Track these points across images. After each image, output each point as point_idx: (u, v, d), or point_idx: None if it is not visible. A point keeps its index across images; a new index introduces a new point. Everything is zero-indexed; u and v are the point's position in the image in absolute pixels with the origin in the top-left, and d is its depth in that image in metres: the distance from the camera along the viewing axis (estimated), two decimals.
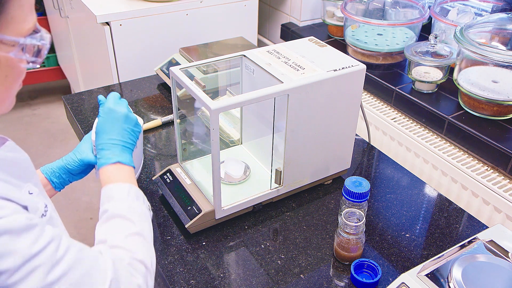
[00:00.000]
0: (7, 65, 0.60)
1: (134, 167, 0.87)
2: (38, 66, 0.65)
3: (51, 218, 0.70)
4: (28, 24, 0.61)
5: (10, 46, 0.59)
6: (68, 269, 0.60)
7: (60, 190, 0.98)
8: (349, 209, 0.93)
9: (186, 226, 0.98)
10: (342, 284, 0.92)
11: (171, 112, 1.41)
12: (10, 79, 0.62)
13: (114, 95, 0.92)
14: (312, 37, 1.16)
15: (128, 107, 0.91)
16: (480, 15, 1.54)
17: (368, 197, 0.95)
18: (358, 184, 0.95)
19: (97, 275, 0.63)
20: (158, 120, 1.36)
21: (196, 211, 0.98)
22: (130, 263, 0.71)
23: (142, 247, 0.75)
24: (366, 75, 1.30)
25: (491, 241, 0.91)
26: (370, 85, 1.57)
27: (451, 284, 0.81)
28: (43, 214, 0.67)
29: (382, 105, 1.54)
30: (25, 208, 0.63)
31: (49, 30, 2.96)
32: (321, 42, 1.13)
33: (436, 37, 1.43)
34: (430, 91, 1.44)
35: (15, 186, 0.65)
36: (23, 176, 0.69)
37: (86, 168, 0.97)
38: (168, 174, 1.08)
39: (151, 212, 0.85)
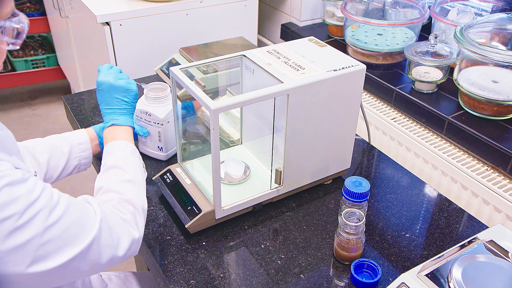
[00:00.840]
0: None
1: (133, 127, 1.02)
2: (18, 47, 0.69)
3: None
4: (6, 9, 0.65)
5: None
6: (63, 212, 0.70)
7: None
8: (349, 209, 0.93)
9: (186, 226, 0.98)
10: (342, 284, 0.92)
11: None
12: None
13: (103, 67, 1.05)
14: (312, 37, 1.16)
15: (117, 74, 1.04)
16: (480, 15, 1.54)
17: (368, 197, 0.95)
18: (358, 184, 0.95)
19: (89, 215, 0.74)
20: None
21: (196, 211, 0.98)
22: (119, 202, 0.82)
23: (132, 191, 0.86)
24: (366, 75, 1.30)
25: (491, 241, 0.91)
26: (370, 85, 1.57)
27: (451, 284, 0.81)
28: (35, 174, 0.76)
29: (382, 105, 1.54)
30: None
31: (49, 30, 2.97)
32: (321, 42, 1.13)
33: (436, 37, 1.43)
34: (430, 91, 1.44)
35: (5, 154, 0.71)
36: (9, 149, 0.76)
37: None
38: (168, 174, 1.08)
39: (145, 171, 1.00)
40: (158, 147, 1.20)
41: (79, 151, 1.08)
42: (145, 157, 1.23)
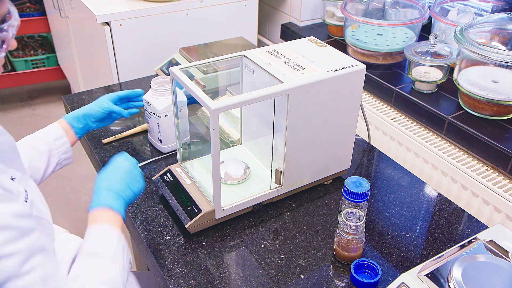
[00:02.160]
0: None
1: (124, 219, 0.86)
2: (3, 54, 0.67)
3: (32, 202, 0.73)
4: None
5: None
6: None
7: (80, 137, 1.12)
8: (349, 209, 0.93)
9: (186, 226, 0.98)
10: (342, 284, 0.92)
11: None
12: None
13: (124, 154, 0.97)
14: (312, 37, 1.16)
15: (136, 166, 0.95)
16: (480, 15, 1.54)
17: (368, 197, 0.95)
18: (358, 184, 0.95)
19: None
20: None
21: (196, 211, 0.98)
22: None
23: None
24: (366, 75, 1.30)
25: (491, 241, 0.91)
26: (370, 85, 1.57)
27: (451, 284, 0.81)
28: (25, 199, 0.71)
29: (382, 105, 1.54)
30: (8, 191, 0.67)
31: (49, 30, 2.97)
32: (321, 42, 1.13)
33: (436, 37, 1.43)
34: (430, 91, 1.44)
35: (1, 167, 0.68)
36: (7, 160, 0.73)
37: (108, 115, 1.15)
38: (168, 174, 1.08)
39: (130, 264, 0.85)
40: (158, 138, 1.23)
41: (57, 147, 1.06)
42: (149, 148, 1.23)
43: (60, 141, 1.06)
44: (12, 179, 0.70)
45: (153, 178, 1.11)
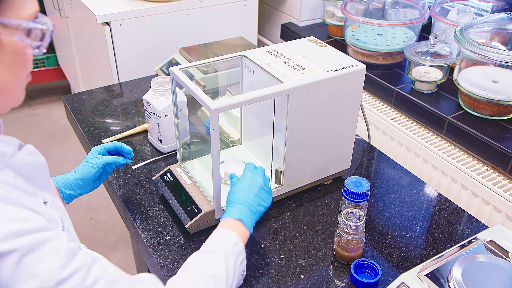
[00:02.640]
0: (13, 50, 0.60)
1: (251, 235, 0.87)
2: (44, 50, 0.64)
3: (67, 230, 0.69)
4: (29, 10, 0.61)
5: (14, 29, 0.59)
6: None
7: (68, 203, 1.00)
8: (349, 209, 0.93)
9: (186, 226, 0.97)
10: (342, 284, 0.92)
11: None
12: (16, 67, 0.62)
13: (260, 168, 0.95)
14: (312, 37, 1.16)
15: (268, 181, 0.94)
16: (480, 15, 1.54)
17: (368, 197, 0.95)
18: (358, 184, 0.95)
19: None
20: None
21: (196, 211, 0.98)
22: None
23: None
24: (366, 75, 1.30)
25: (491, 241, 0.91)
26: (370, 85, 1.57)
27: (451, 284, 0.81)
28: (62, 227, 0.67)
29: (382, 105, 1.54)
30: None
31: None
32: (321, 42, 1.13)
33: (436, 37, 1.43)
34: (430, 91, 1.44)
35: (31, 196, 0.64)
36: (40, 182, 0.69)
37: (102, 171, 1.02)
38: (168, 174, 1.08)
39: (243, 276, 0.84)
40: (158, 138, 1.23)
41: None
42: (149, 147, 1.23)
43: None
44: (44, 203, 0.67)
45: (153, 178, 1.11)
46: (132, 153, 1.07)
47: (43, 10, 2.94)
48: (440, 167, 1.32)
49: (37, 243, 0.57)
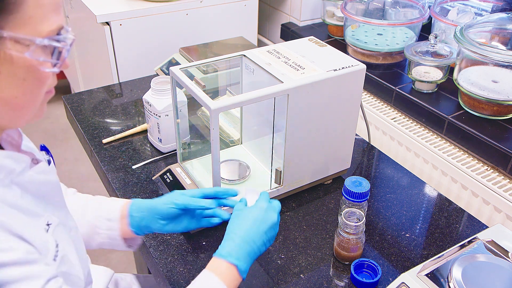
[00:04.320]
0: (24, 66, 0.56)
1: (243, 279, 0.78)
2: (58, 71, 0.59)
3: (63, 258, 0.65)
4: (49, 26, 0.56)
5: (25, 46, 0.55)
6: None
7: (136, 233, 0.88)
8: (349, 209, 0.93)
9: None
10: (342, 284, 0.92)
11: None
12: (29, 84, 0.58)
13: (274, 202, 0.85)
14: (312, 37, 1.16)
15: (279, 219, 0.84)
16: (480, 15, 1.54)
17: (368, 197, 0.95)
18: (358, 184, 0.95)
19: None
20: None
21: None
22: None
23: None
24: (366, 75, 1.30)
25: (491, 241, 0.91)
26: (370, 85, 1.57)
27: (451, 284, 0.81)
28: (55, 257, 0.63)
29: (382, 105, 1.54)
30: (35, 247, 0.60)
31: None
32: (321, 42, 1.13)
33: (436, 37, 1.43)
34: (430, 91, 1.44)
35: (33, 217, 0.62)
36: (47, 202, 0.67)
37: (182, 214, 0.87)
38: (168, 174, 1.08)
39: None
40: (158, 138, 1.23)
41: (104, 228, 0.89)
42: (149, 147, 1.23)
43: (109, 224, 0.88)
44: (48, 224, 0.64)
45: (153, 178, 1.11)
46: (235, 200, 0.89)
47: None
48: (440, 167, 1.32)
49: (8, 280, 0.54)
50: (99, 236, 0.89)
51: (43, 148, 0.82)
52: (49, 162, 0.78)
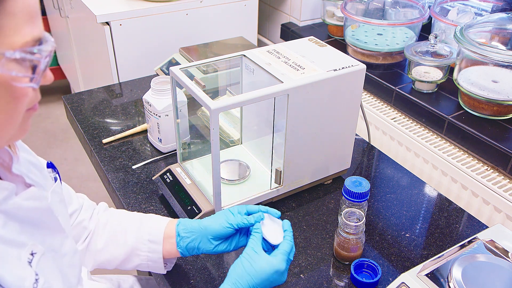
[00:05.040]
0: None
1: None
2: (36, 86, 0.53)
3: None
4: (23, 38, 0.51)
5: None
6: None
7: (182, 254, 0.85)
8: (349, 209, 0.93)
9: None
10: (342, 284, 0.92)
11: None
12: (3, 101, 0.52)
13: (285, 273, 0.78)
14: (312, 37, 1.16)
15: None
16: (480, 15, 1.54)
17: (368, 197, 0.95)
18: (358, 184, 0.95)
19: None
20: None
21: (196, 211, 0.98)
22: None
23: None
24: (366, 75, 1.30)
25: (491, 241, 0.91)
26: (370, 85, 1.57)
27: (451, 284, 0.81)
28: None
29: (382, 105, 1.54)
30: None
31: (49, 30, 2.96)
32: (321, 42, 1.13)
33: (436, 37, 1.43)
34: (430, 91, 1.44)
35: (14, 247, 0.59)
36: (37, 228, 0.64)
37: (231, 235, 0.83)
38: (168, 174, 1.08)
39: None
40: (158, 138, 1.23)
41: (145, 250, 0.86)
42: (149, 147, 1.23)
43: (152, 246, 0.86)
44: (32, 254, 0.61)
45: (153, 178, 1.11)
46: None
47: (43, 10, 2.93)
48: (440, 167, 1.32)
49: None
50: (138, 258, 0.87)
51: (50, 165, 0.78)
52: (55, 179, 0.76)
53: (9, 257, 0.58)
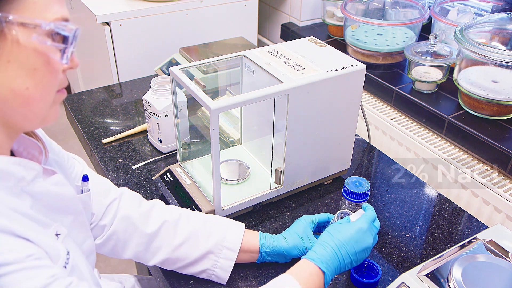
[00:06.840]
0: (33, 53, 0.55)
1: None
2: (66, 61, 0.58)
3: (73, 267, 0.63)
4: (54, 14, 0.56)
5: (32, 28, 0.54)
6: None
7: (258, 262, 0.91)
8: (342, 210, 0.93)
9: None
10: (342, 284, 0.92)
11: None
12: (40, 74, 0.57)
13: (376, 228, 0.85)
14: (312, 37, 1.16)
15: (376, 235, 0.85)
16: (480, 15, 1.54)
17: (368, 197, 0.95)
18: (358, 184, 0.95)
19: None
20: None
21: (196, 211, 0.98)
22: None
23: None
24: (366, 75, 1.30)
25: (491, 241, 0.91)
26: (370, 85, 1.57)
27: (451, 284, 0.81)
28: (65, 264, 0.61)
29: (382, 105, 1.54)
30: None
31: None
32: (321, 42, 1.13)
33: (436, 37, 1.43)
34: (430, 91, 1.44)
35: (43, 226, 0.61)
36: (58, 213, 0.66)
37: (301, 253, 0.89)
38: (168, 174, 1.08)
39: None
40: (158, 138, 1.23)
41: (224, 257, 0.87)
42: (149, 147, 1.23)
43: (229, 254, 0.87)
44: (56, 235, 0.63)
45: (153, 178, 1.11)
46: None
47: None
48: (440, 167, 1.32)
49: (8, 281, 0.53)
50: (208, 263, 0.87)
51: (85, 178, 0.83)
52: (81, 191, 0.81)
53: (42, 231, 0.60)
